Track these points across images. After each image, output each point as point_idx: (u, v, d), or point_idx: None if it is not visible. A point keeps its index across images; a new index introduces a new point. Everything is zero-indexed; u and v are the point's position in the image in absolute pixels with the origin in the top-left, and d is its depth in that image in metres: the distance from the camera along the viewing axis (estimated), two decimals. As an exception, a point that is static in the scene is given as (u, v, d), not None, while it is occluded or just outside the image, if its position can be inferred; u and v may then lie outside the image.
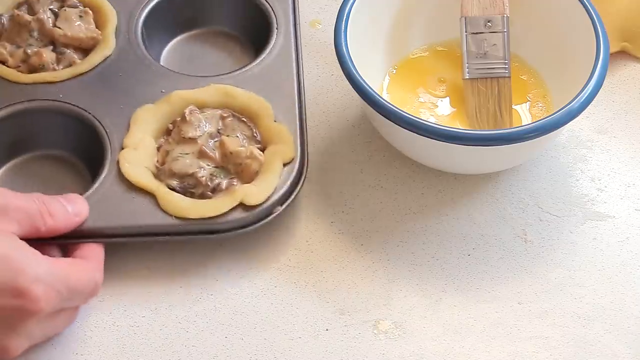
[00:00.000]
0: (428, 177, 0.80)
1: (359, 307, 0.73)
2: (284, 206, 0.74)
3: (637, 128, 0.84)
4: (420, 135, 0.73)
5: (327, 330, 0.72)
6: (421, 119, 0.73)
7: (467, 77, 0.81)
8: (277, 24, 0.84)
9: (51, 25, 0.82)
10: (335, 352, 0.71)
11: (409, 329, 0.72)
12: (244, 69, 0.81)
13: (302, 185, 0.76)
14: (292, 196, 0.75)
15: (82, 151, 0.79)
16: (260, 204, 0.73)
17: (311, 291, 0.74)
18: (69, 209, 0.71)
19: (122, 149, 0.76)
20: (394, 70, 0.84)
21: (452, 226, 0.78)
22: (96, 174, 0.76)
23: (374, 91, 0.74)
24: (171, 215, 0.73)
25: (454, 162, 0.78)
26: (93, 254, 0.71)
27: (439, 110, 0.82)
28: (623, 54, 0.88)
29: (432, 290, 0.74)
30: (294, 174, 0.75)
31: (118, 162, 0.75)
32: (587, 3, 0.79)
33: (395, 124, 0.73)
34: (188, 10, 0.87)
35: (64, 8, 0.83)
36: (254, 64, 0.82)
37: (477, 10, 0.80)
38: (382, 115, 0.74)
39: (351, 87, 0.76)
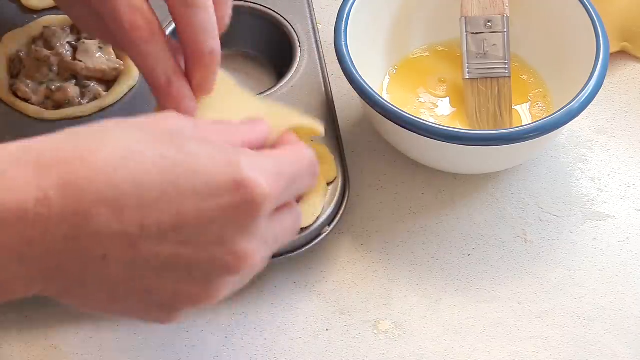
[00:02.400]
0: (428, 177, 0.80)
1: (359, 307, 0.73)
2: (331, 226, 0.74)
3: (637, 128, 0.84)
4: (420, 135, 0.73)
5: (327, 330, 0.72)
6: (421, 119, 0.73)
7: (467, 77, 0.81)
8: (299, 43, 0.83)
9: (71, 58, 0.80)
10: (335, 352, 0.71)
11: (409, 329, 0.72)
12: (273, 90, 0.80)
13: (346, 204, 0.75)
14: (339, 215, 0.74)
15: None
16: (309, 226, 0.73)
17: (311, 291, 0.74)
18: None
19: None
20: (394, 70, 0.84)
21: (452, 226, 0.78)
22: None
23: (374, 91, 0.74)
24: None
25: (454, 162, 0.78)
26: (294, 139, 0.62)
27: (439, 110, 0.82)
28: (623, 54, 0.88)
29: (432, 290, 0.74)
30: (338, 193, 0.75)
31: None
32: (587, 3, 0.79)
33: (396, 124, 0.73)
34: None
35: (81, 40, 0.81)
36: (281, 84, 0.81)
37: (477, 10, 0.80)
38: (382, 115, 0.74)
39: (351, 87, 0.76)
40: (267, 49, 0.86)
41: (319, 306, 0.73)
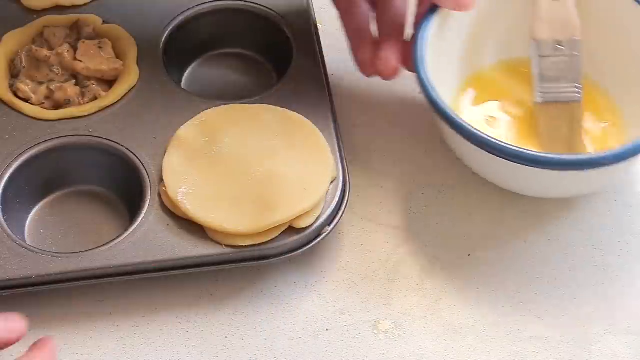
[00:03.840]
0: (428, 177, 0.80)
1: (359, 307, 0.74)
2: (332, 226, 0.74)
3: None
4: (504, 159, 0.71)
5: (327, 330, 0.72)
6: (504, 142, 0.71)
7: (538, 101, 0.79)
8: (299, 43, 0.83)
9: (71, 58, 0.80)
10: (335, 352, 0.71)
11: (409, 329, 0.72)
12: (273, 90, 0.80)
13: (347, 204, 0.75)
14: (339, 216, 0.74)
15: (116, 185, 0.77)
16: (309, 226, 0.72)
17: (311, 291, 0.74)
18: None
19: (162, 180, 0.74)
20: (465, 90, 0.82)
21: (452, 226, 0.78)
22: (132, 207, 0.74)
23: (459, 118, 0.72)
24: (221, 244, 0.71)
25: (527, 185, 0.75)
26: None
27: (509, 132, 0.79)
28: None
29: (432, 290, 0.74)
30: (338, 193, 0.74)
31: (160, 195, 0.74)
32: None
33: (478, 147, 0.71)
34: (204, 33, 0.86)
35: (81, 40, 0.81)
36: (281, 84, 0.81)
37: (548, 33, 0.78)
38: (464, 138, 0.72)
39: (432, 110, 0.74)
40: (267, 49, 0.86)
41: (319, 306, 0.74)
